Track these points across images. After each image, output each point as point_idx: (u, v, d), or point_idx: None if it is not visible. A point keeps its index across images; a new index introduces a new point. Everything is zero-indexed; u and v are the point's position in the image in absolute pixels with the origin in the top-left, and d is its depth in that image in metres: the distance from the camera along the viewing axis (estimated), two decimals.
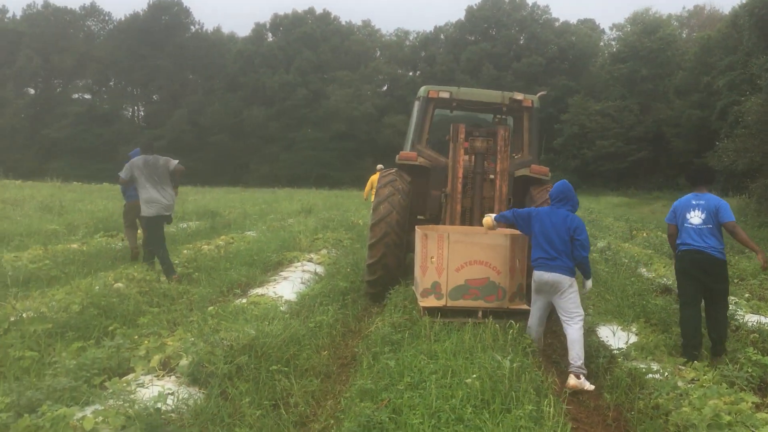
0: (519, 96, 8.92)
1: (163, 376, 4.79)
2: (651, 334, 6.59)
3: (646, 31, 58.57)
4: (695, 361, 5.65)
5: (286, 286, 8.46)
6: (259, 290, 8.18)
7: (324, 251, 11.89)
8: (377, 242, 8.08)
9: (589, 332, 6.99)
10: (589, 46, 67.79)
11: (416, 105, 9.36)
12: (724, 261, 6.28)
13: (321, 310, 7.05)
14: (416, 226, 7.62)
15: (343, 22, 72.78)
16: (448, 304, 6.61)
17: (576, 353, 5.73)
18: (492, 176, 8.14)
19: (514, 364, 4.77)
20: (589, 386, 5.61)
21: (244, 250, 11.42)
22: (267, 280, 9.02)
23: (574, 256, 6.04)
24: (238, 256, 10.71)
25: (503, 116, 9.72)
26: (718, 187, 32.04)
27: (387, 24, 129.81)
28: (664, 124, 52.40)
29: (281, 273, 9.57)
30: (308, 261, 10.64)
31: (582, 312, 6.09)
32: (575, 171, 53.54)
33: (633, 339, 6.45)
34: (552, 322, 6.80)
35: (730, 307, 7.04)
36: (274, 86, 64.60)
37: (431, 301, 6.66)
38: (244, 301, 7.32)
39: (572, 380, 5.58)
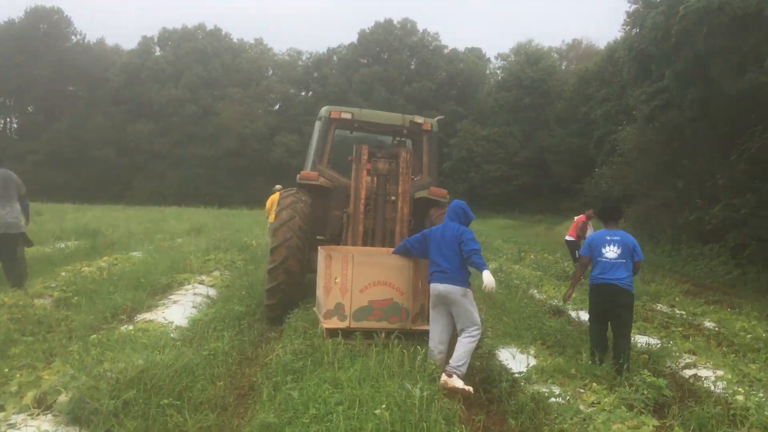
0: (419, 119, 9.06)
1: (38, 414, 4.31)
2: (549, 357, 6.68)
3: (528, 61, 61.40)
4: (594, 383, 5.76)
5: (177, 311, 8.00)
6: (148, 315, 7.67)
7: (216, 273, 11.42)
8: (277, 267, 7.97)
9: (490, 355, 7.01)
10: (476, 74, 70.07)
11: (317, 125, 9.36)
12: (632, 293, 6.82)
13: (215, 337, 6.66)
14: (319, 247, 7.54)
15: (235, 40, 71.54)
16: (351, 326, 6.55)
17: (458, 355, 6.00)
18: (394, 198, 8.23)
19: (424, 393, 4.62)
20: (462, 386, 5.82)
21: (129, 271, 10.74)
22: (156, 305, 8.49)
23: (463, 258, 6.20)
24: (123, 279, 10.04)
25: (403, 138, 9.77)
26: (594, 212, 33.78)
27: (279, 43, 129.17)
28: (546, 151, 54.88)
29: (171, 296, 9.06)
30: (200, 283, 10.17)
31: (478, 324, 6.27)
32: (464, 194, 54.86)
33: (532, 361, 6.50)
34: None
35: None
36: (161, 101, 62.25)
37: (334, 323, 6.58)
38: (131, 327, 6.83)
39: (446, 380, 5.84)
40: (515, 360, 6.72)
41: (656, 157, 23.69)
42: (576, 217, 15.90)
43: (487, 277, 6.12)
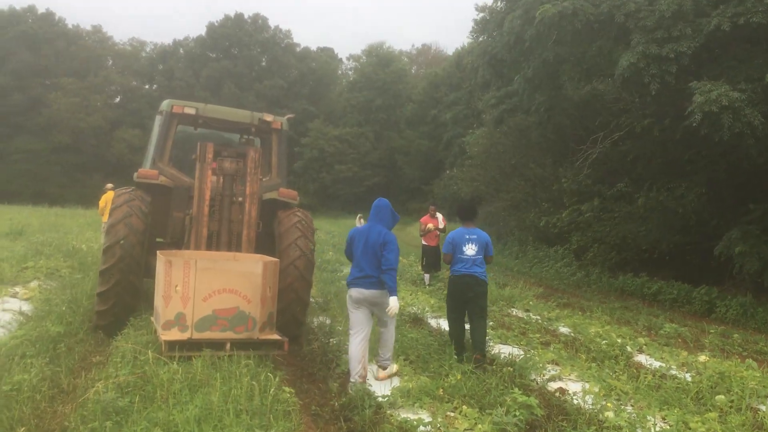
0: (269, 117, 8.67)
1: None
2: (413, 375, 6.20)
3: (380, 63, 62.13)
4: (464, 406, 5.33)
5: None
6: None
7: (35, 284, 9.89)
8: (111, 267, 7.24)
9: (348, 375, 6.42)
10: (328, 74, 69.79)
11: (158, 119, 8.67)
12: (487, 283, 7.60)
13: (22, 366, 5.51)
14: (158, 252, 7.02)
15: (70, 26, 66.15)
16: (193, 337, 6.15)
17: (388, 347, 6.35)
18: (241, 199, 7.86)
19: None
20: (396, 368, 6.32)
21: None
22: None
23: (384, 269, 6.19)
24: None
25: (251, 137, 9.22)
26: (444, 212, 34.40)
27: (120, 32, 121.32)
28: (397, 152, 55.75)
29: None
30: (12, 297, 8.72)
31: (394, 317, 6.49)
32: (315, 194, 54.53)
33: (396, 382, 5.99)
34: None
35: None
36: None
37: (174, 334, 6.12)
38: None
39: (381, 373, 6.21)
40: (376, 380, 6.19)
41: (504, 160, 24.41)
42: (422, 221, 14.84)
43: (394, 303, 6.09)
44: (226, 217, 7.87)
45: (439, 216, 14.38)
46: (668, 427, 5.33)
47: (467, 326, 7.48)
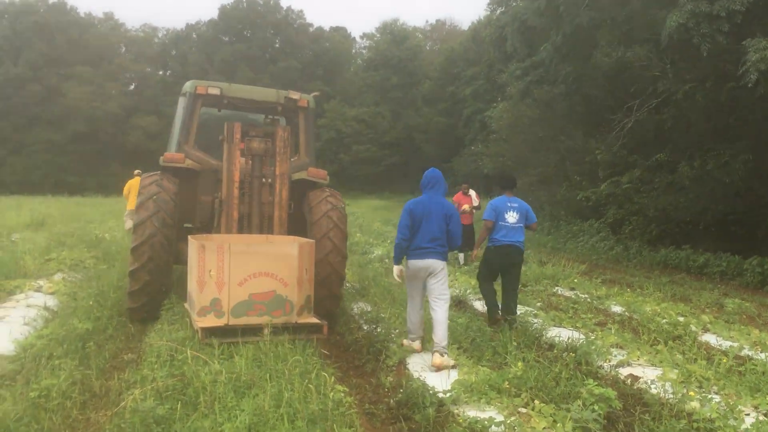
0: (295, 95, 8.35)
1: None
2: (472, 366, 5.66)
3: (395, 41, 61.17)
4: (536, 400, 4.78)
5: (2, 331, 6.23)
6: None
7: (59, 276, 9.43)
8: (142, 244, 6.99)
9: (401, 365, 5.90)
10: (343, 54, 69.01)
11: (181, 101, 8.31)
12: (522, 250, 7.82)
13: (50, 369, 5.04)
14: (189, 237, 6.78)
15: (82, 14, 65.74)
16: (230, 323, 5.99)
17: (442, 334, 5.97)
18: (270, 180, 7.67)
19: None
20: (452, 362, 5.82)
21: None
22: None
23: (449, 243, 6.33)
24: None
25: (276, 117, 8.90)
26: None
27: (132, 19, 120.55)
28: (414, 130, 54.94)
29: None
30: (36, 291, 8.25)
31: (449, 294, 6.42)
32: (333, 175, 52.89)
33: (454, 374, 5.45)
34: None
35: (534, 321, 7.69)
36: None
37: (211, 321, 5.98)
38: None
39: (437, 359, 5.78)
40: (432, 371, 5.67)
41: (531, 133, 23.63)
42: (456, 200, 14.23)
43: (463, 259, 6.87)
44: (257, 199, 7.62)
45: (473, 193, 13.73)
46: (766, 418, 4.76)
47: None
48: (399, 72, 59.18)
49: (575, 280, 11.56)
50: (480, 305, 8.87)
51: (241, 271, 6.04)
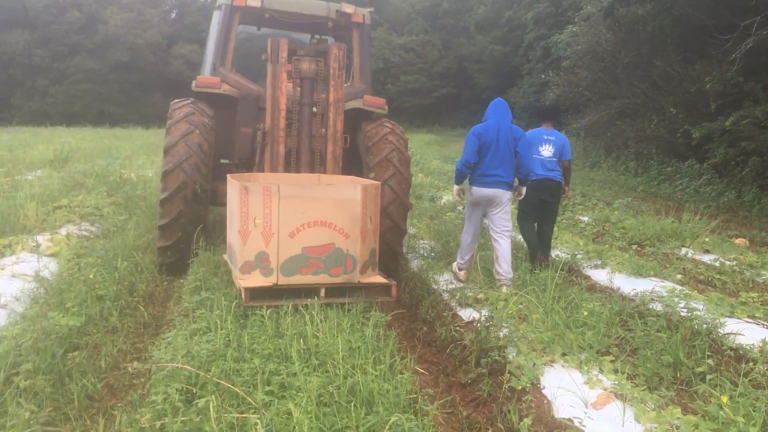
0: (349, 8, 7.38)
1: None
2: (639, 391, 3.88)
3: None
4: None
5: None
6: None
7: (67, 229, 7.68)
8: (172, 196, 6.28)
9: (535, 389, 4.07)
10: None
11: (216, 16, 7.49)
12: (561, 184, 7.41)
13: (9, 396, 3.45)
14: (228, 176, 5.72)
15: None
16: (280, 282, 5.06)
17: (507, 266, 6.06)
18: (321, 109, 6.59)
19: None
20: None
21: None
22: None
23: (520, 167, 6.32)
24: None
25: (325, 36, 8.01)
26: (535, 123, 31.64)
27: None
28: (467, 60, 52.38)
29: None
30: (32, 252, 6.55)
31: (511, 225, 6.36)
32: None
33: (630, 413, 3.62)
34: None
35: (697, 309, 5.42)
36: (37, 7, 54.65)
37: (256, 279, 5.04)
38: None
39: (504, 290, 5.80)
40: (583, 400, 3.83)
41: (614, 59, 21.13)
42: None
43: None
44: (306, 131, 6.53)
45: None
46: None
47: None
48: None
49: (706, 240, 9.40)
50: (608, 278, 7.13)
51: (292, 220, 5.07)
